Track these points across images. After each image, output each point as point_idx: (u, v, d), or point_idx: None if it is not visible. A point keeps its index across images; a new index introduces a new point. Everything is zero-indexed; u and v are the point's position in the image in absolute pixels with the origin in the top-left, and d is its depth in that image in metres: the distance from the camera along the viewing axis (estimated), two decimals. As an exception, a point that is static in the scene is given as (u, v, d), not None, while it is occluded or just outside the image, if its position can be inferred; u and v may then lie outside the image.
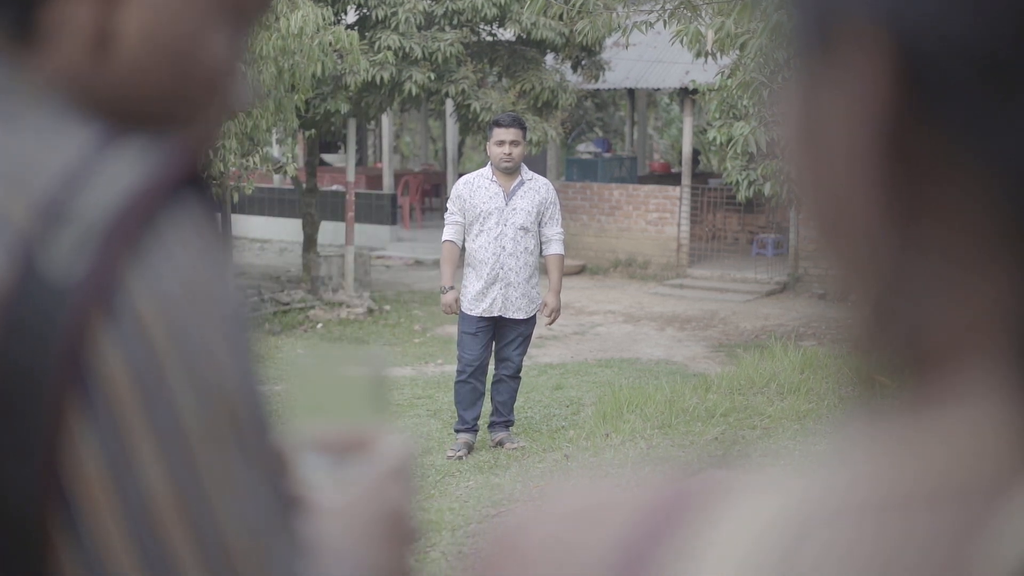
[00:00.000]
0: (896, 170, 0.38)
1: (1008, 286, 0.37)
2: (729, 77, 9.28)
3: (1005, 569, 0.35)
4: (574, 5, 10.01)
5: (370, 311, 13.60)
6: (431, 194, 22.31)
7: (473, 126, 14.95)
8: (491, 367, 7.08)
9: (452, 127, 19.85)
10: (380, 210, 19.59)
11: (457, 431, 7.06)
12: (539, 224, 6.87)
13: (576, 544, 0.45)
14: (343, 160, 18.57)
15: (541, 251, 6.96)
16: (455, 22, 14.25)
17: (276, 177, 19.23)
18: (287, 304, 13.63)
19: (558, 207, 6.97)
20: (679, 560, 0.41)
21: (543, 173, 14.04)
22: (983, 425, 0.37)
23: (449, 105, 16.39)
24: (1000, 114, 0.36)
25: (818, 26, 0.40)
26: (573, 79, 16.69)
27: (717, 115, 10.23)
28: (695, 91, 11.70)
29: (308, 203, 15.91)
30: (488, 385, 7.10)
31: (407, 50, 13.60)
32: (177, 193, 0.63)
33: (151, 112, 0.71)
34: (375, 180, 20.75)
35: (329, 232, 18.31)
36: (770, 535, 0.39)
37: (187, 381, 0.60)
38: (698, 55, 9.63)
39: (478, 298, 6.83)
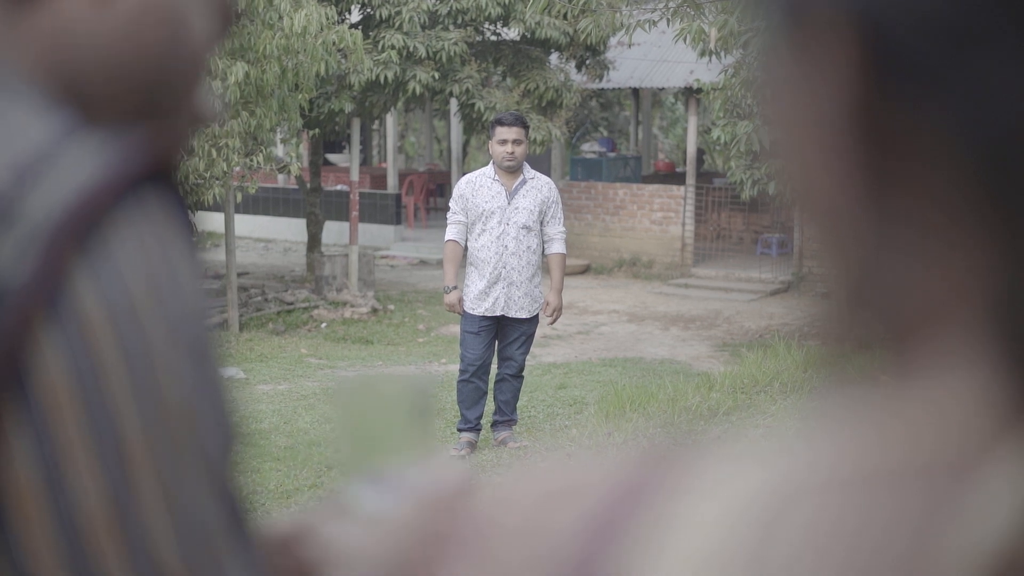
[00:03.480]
0: (869, 148, 0.39)
1: (983, 257, 0.37)
2: (733, 76, 9.27)
3: (984, 542, 0.34)
4: (577, 4, 10.00)
5: (374, 311, 13.60)
6: (435, 194, 22.31)
7: (477, 125, 14.95)
8: (494, 366, 7.08)
9: (456, 127, 19.86)
10: (384, 210, 19.60)
11: (460, 430, 7.06)
12: (541, 223, 6.86)
13: (544, 525, 0.44)
14: (347, 160, 18.58)
15: (544, 250, 6.96)
16: (459, 21, 14.25)
17: (280, 177, 19.24)
18: (291, 304, 13.63)
19: (560, 206, 6.96)
20: (651, 539, 0.41)
21: (547, 172, 14.04)
22: (962, 397, 0.37)
23: (453, 104, 16.39)
24: (966, 85, 0.36)
25: (785, 12, 0.41)
26: (577, 78, 16.68)
27: (721, 114, 10.22)
28: (700, 90, 11.69)
29: (312, 203, 15.92)
30: (491, 384, 7.10)
31: (411, 49, 13.60)
32: (135, 192, 0.60)
33: (129, 93, 0.69)
34: (379, 180, 20.76)
35: (333, 232, 18.32)
36: (750, 510, 0.39)
37: (130, 391, 0.58)
38: (702, 54, 9.63)
39: (480, 297, 6.83)
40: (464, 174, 8.11)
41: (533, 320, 6.97)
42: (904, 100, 0.37)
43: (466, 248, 6.92)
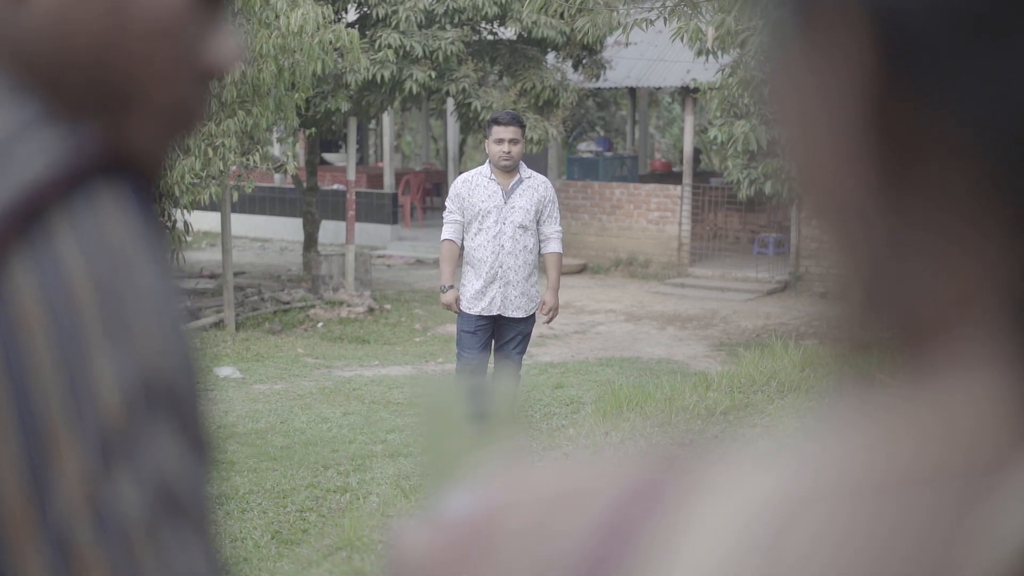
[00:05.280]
0: (882, 145, 0.38)
1: (999, 257, 0.36)
2: (730, 75, 9.27)
3: (1003, 549, 0.34)
4: (574, 3, 10.00)
5: (371, 310, 13.59)
6: (432, 193, 22.31)
7: (474, 125, 14.94)
8: (491, 365, 7.08)
9: (453, 126, 19.85)
10: (381, 209, 19.59)
11: (457, 430, 7.05)
12: (538, 222, 6.86)
13: (554, 530, 0.43)
14: (344, 159, 18.57)
15: (540, 249, 6.95)
16: (456, 20, 14.25)
17: (277, 176, 19.24)
18: (288, 303, 13.62)
19: (557, 205, 6.96)
20: (663, 544, 0.40)
21: (544, 172, 14.02)
22: (979, 400, 0.36)
23: (450, 104, 16.39)
24: (981, 79, 0.35)
25: (797, 6, 0.40)
26: (574, 78, 16.68)
27: (718, 113, 10.22)
28: (696, 90, 11.69)
29: (309, 202, 15.91)
30: (488, 384, 7.09)
31: (408, 48, 13.59)
32: (85, 185, 0.61)
33: (85, 77, 0.68)
34: (376, 179, 20.75)
35: (330, 231, 18.31)
36: (761, 516, 0.38)
37: (59, 379, 0.59)
38: (699, 53, 9.62)
39: (477, 297, 6.82)
40: (460, 173, 8.09)
41: (529, 319, 6.97)
42: (917, 94, 0.36)
43: (463, 247, 6.91)
